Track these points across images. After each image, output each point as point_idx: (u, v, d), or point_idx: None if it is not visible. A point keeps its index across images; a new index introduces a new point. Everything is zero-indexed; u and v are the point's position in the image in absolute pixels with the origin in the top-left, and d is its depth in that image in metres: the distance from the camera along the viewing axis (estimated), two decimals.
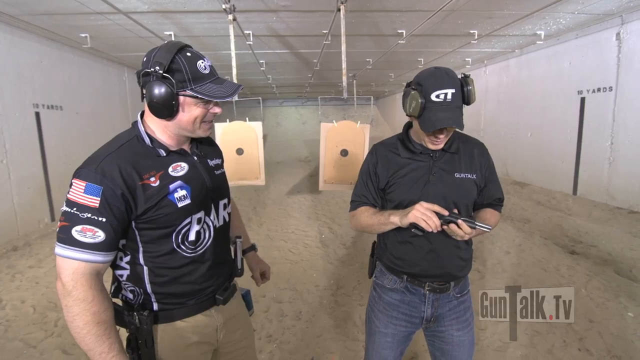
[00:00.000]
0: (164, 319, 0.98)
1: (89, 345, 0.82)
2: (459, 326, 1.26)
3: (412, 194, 1.19)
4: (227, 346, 1.14)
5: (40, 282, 3.24)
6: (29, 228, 4.49)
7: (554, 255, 3.54)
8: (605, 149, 4.73)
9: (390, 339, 1.29)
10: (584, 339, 2.24)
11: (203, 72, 0.93)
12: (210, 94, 0.92)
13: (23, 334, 2.44)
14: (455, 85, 1.07)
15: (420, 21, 4.38)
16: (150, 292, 0.96)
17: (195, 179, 1.00)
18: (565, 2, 3.82)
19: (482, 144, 1.28)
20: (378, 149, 1.30)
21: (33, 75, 4.61)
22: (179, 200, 0.94)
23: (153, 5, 3.78)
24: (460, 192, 1.19)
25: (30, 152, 4.58)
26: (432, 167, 1.20)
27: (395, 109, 13.52)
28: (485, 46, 5.98)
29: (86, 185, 0.84)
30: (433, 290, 1.22)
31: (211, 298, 1.06)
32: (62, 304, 0.83)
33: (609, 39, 4.59)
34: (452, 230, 1.07)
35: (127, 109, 7.07)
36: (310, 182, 8.42)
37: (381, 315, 1.30)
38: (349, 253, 3.83)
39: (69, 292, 0.82)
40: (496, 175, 1.28)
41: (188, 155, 1.03)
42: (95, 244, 0.84)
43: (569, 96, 5.26)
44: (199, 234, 1.01)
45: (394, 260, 1.26)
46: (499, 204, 1.30)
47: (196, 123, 0.96)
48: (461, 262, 1.23)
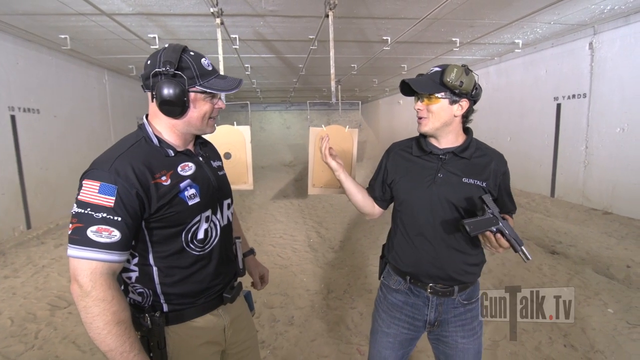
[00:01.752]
0: (174, 319, 0.98)
1: (109, 346, 0.81)
2: (464, 334, 1.25)
3: (416, 192, 1.23)
4: (234, 347, 1.15)
5: (17, 292, 3.09)
6: (3, 236, 4.28)
7: (536, 255, 3.66)
8: (580, 153, 4.94)
9: (391, 340, 1.30)
10: (568, 336, 2.33)
11: (207, 69, 0.98)
12: (218, 88, 0.96)
13: (1, 347, 2.32)
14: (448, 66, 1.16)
15: (405, 28, 4.48)
16: (160, 293, 0.96)
17: (203, 179, 1.03)
18: (542, 13, 4.00)
19: (501, 156, 1.28)
20: (393, 147, 1.38)
21: (8, 77, 4.43)
22: (190, 199, 0.96)
23: (137, 8, 3.71)
24: (465, 197, 1.18)
25: (5, 156, 4.38)
26: (440, 168, 1.21)
27: (379, 114, 13.70)
28: (466, 54, 6.16)
29: (100, 185, 0.83)
30: (435, 293, 1.23)
31: (219, 297, 1.07)
32: (80, 306, 0.81)
33: (582, 48, 4.82)
34: (498, 241, 1.06)
35: (107, 112, 6.87)
36: (296, 186, 8.41)
37: (384, 315, 1.33)
38: (338, 257, 3.84)
39: (87, 293, 0.81)
40: (509, 187, 1.29)
41: (194, 155, 1.05)
42: (112, 244, 0.83)
43: (545, 102, 5.48)
44: (207, 232, 1.02)
45: (397, 259, 1.29)
46: (512, 212, 1.31)
47: (205, 119, 1.00)
48: (466, 267, 1.23)
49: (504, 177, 1.25)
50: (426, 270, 1.23)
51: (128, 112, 7.74)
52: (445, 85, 1.14)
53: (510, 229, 1.06)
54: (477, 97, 1.20)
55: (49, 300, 2.95)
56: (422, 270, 1.23)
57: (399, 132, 11.04)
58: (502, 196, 1.26)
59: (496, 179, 1.22)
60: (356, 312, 2.69)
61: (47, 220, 5.02)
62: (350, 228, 4.91)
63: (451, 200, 1.19)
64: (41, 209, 4.93)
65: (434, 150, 1.24)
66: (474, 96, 1.18)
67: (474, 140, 1.27)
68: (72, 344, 2.36)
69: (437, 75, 1.17)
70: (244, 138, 3.92)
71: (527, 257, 1.04)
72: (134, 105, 8.02)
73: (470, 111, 1.23)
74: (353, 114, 15.04)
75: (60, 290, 3.13)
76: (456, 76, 1.12)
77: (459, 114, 1.20)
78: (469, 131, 1.29)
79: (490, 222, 1.05)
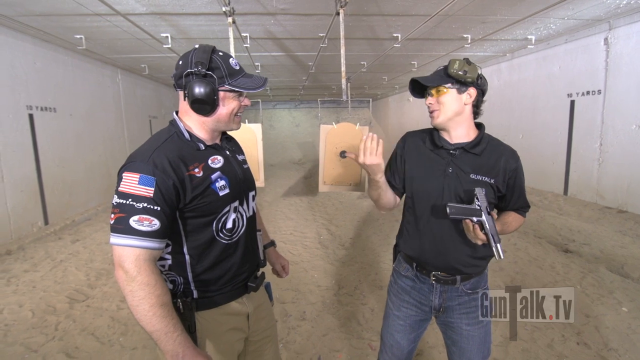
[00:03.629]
0: (203, 306, 1.03)
1: (155, 326, 0.85)
2: (469, 321, 1.29)
3: (427, 185, 1.25)
4: (255, 334, 1.20)
5: (37, 286, 3.19)
6: (22, 232, 4.41)
7: (548, 254, 3.63)
8: (594, 150, 4.87)
9: (402, 322, 1.35)
10: (581, 334, 2.31)
11: (235, 68, 1.02)
12: (245, 87, 1.01)
13: (23, 338, 2.40)
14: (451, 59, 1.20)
15: (416, 25, 4.46)
16: (191, 280, 1.02)
17: (231, 171, 1.08)
18: (556, 8, 3.94)
19: (513, 152, 1.27)
20: (408, 136, 1.40)
21: (27, 77, 4.55)
22: (220, 190, 1.01)
23: (151, 7, 3.77)
24: (472, 192, 1.20)
25: (24, 154, 4.51)
26: (450, 163, 1.24)
27: (388, 111, 13.65)
28: (477, 50, 6.10)
29: (140, 177, 0.88)
30: (438, 281, 1.28)
31: (244, 286, 1.13)
32: (126, 291, 0.86)
33: (597, 43, 4.73)
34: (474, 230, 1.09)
35: (120, 111, 7.00)
36: (305, 184, 8.45)
37: (395, 298, 1.39)
38: (348, 254, 3.86)
39: (133, 278, 0.85)
40: (522, 184, 1.28)
41: (221, 149, 1.10)
42: (153, 232, 0.88)
43: (559, 99, 5.40)
44: (235, 222, 1.07)
45: (406, 247, 1.35)
46: (523, 209, 1.32)
47: (232, 116, 1.05)
48: (470, 259, 1.25)
49: (516, 173, 1.24)
50: (430, 259, 1.28)
51: (140, 111, 7.87)
52: (451, 76, 1.18)
53: (492, 225, 1.08)
54: (483, 87, 1.24)
55: (67, 293, 3.03)
56: (427, 259, 1.28)
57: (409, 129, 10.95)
58: (513, 193, 1.26)
59: (505, 175, 1.22)
60: (367, 308, 2.71)
61: (63, 216, 5.15)
62: (361, 225, 4.93)
63: (459, 195, 1.21)
64: (58, 206, 5.06)
65: (445, 145, 1.26)
66: (480, 85, 1.22)
67: (485, 135, 1.27)
68: (91, 335, 2.44)
69: (442, 70, 1.23)
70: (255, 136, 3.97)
71: (499, 254, 1.06)
72: (146, 103, 8.15)
73: (479, 101, 1.25)
74: (362, 111, 15.01)
75: (78, 284, 3.22)
76: (459, 66, 1.17)
77: (469, 102, 1.22)
78: (481, 127, 1.30)
79: (473, 212, 1.09)
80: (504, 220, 1.26)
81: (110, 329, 2.50)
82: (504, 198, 1.28)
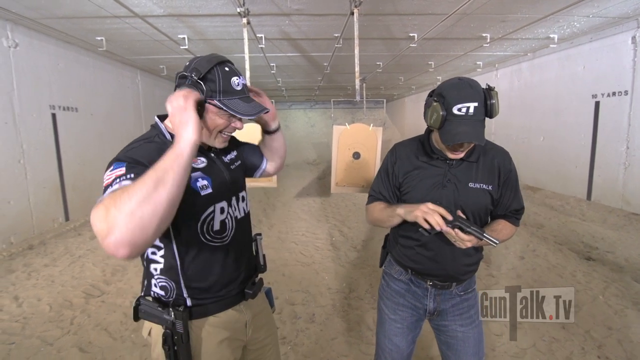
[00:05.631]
0: (197, 314, 1.01)
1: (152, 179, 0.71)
2: (463, 322, 1.29)
3: (428, 198, 1.19)
4: (255, 342, 1.17)
5: (55, 280, 3.28)
6: (44, 227, 4.56)
7: (569, 261, 3.49)
8: (620, 154, 4.65)
9: (399, 325, 1.33)
10: (603, 347, 2.20)
11: (235, 88, 0.98)
12: (234, 109, 0.96)
13: (40, 332, 2.48)
14: (479, 98, 1.06)
15: (433, 24, 4.37)
16: (183, 286, 0.99)
17: (215, 172, 1.05)
18: (580, 6, 3.79)
19: (505, 153, 1.24)
20: (398, 149, 1.33)
21: (50, 78, 4.70)
22: (202, 189, 0.98)
23: (168, 9, 3.83)
24: (472, 201, 1.19)
25: (47, 152, 4.66)
26: (447, 173, 1.21)
27: (405, 112, 13.49)
28: (497, 49, 5.94)
29: (113, 165, 0.82)
30: (435, 286, 1.27)
31: (240, 293, 1.10)
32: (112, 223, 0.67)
33: (624, 42, 4.53)
34: (457, 235, 1.08)
35: (139, 111, 7.16)
36: (319, 184, 8.43)
37: (389, 302, 1.36)
38: (360, 256, 3.81)
39: (105, 216, 0.68)
40: (516, 185, 1.24)
41: (205, 151, 1.07)
42: (126, 180, 0.79)
43: (582, 100, 5.19)
44: (224, 223, 1.04)
45: (401, 254, 1.32)
46: (514, 216, 1.26)
47: (214, 132, 1.01)
48: (466, 267, 1.26)
49: (509, 175, 1.21)
50: (429, 269, 1.26)
51: (159, 111, 7.93)
52: (491, 117, 1.11)
53: (464, 221, 1.07)
54: None
55: (84, 288, 3.11)
56: (424, 268, 1.26)
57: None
58: (506, 194, 1.23)
59: (500, 177, 1.20)
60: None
61: (83, 212, 5.30)
62: (373, 227, 4.87)
63: (460, 205, 1.18)
64: (78, 202, 5.21)
65: (441, 155, 1.21)
66: None
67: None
68: (104, 331, 2.49)
69: (481, 112, 1.08)
70: None
71: (493, 241, 1.05)
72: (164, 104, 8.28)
73: None
74: (378, 112, 14.89)
75: (95, 279, 3.30)
76: (498, 105, 1.10)
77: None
78: None
79: (447, 221, 1.08)
80: (495, 228, 1.22)
81: (123, 325, 2.55)
82: (498, 201, 1.24)
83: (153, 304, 1.00)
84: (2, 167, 3.98)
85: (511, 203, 1.24)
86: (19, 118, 4.19)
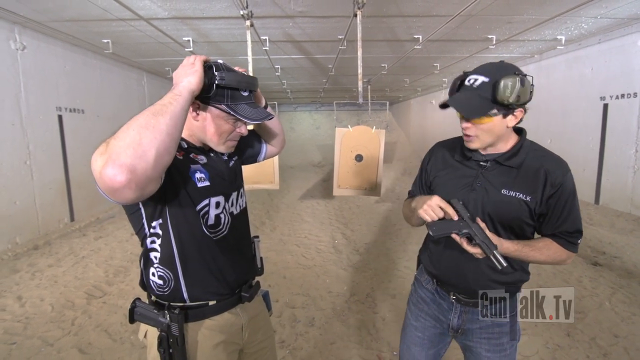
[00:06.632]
0: (193, 317, 1.01)
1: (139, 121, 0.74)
2: (490, 347, 1.18)
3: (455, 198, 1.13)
4: (251, 346, 1.16)
5: (58, 281, 3.31)
6: (49, 227, 4.61)
7: (575, 267, 3.43)
8: (629, 157, 4.56)
9: (420, 334, 1.27)
10: (609, 355, 2.15)
11: (242, 94, 0.99)
12: (241, 114, 0.97)
13: (41, 332, 2.49)
14: (493, 75, 0.99)
15: (437, 26, 4.34)
16: (181, 277, 0.99)
17: (213, 168, 1.06)
18: (587, 7, 3.72)
19: (559, 163, 1.07)
20: (436, 147, 1.29)
21: (57, 80, 4.76)
22: (199, 181, 1.00)
23: (173, 12, 3.86)
24: (502, 210, 1.07)
25: (53, 153, 4.72)
26: (479, 176, 1.11)
27: (410, 114, 13.42)
28: (503, 51, 5.87)
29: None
30: (459, 301, 1.19)
31: (237, 296, 1.09)
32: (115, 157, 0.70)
33: (633, 43, 4.45)
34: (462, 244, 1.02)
35: None
36: (324, 187, 8.41)
37: (414, 307, 1.31)
38: (362, 259, 3.79)
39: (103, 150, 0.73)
40: (570, 203, 1.06)
41: (206, 152, 1.09)
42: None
43: (590, 102, 5.11)
44: (219, 218, 1.05)
45: (428, 261, 1.27)
46: (565, 238, 1.07)
47: (222, 137, 1.03)
48: (492, 283, 1.13)
49: (560, 189, 1.04)
50: (451, 279, 1.19)
51: None
52: (501, 103, 0.98)
53: (481, 233, 0.98)
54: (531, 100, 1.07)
55: (86, 289, 3.13)
56: (448, 278, 1.20)
57: (432, 132, 10.75)
58: (553, 212, 1.05)
59: (546, 190, 1.04)
60: (378, 317, 2.64)
61: (88, 213, 5.35)
62: (377, 230, 4.84)
63: (488, 212, 1.08)
64: (84, 203, 5.26)
65: (476, 155, 1.12)
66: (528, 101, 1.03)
67: (526, 144, 1.10)
68: (104, 332, 2.49)
69: (487, 90, 0.99)
70: None
71: (500, 263, 0.97)
72: None
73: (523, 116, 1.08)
74: (383, 114, 14.83)
75: (97, 280, 3.32)
76: (512, 91, 0.95)
77: (513, 124, 1.05)
78: (522, 133, 1.13)
79: (456, 226, 1.01)
80: (533, 244, 1.07)
81: (123, 327, 2.55)
82: (544, 218, 1.08)
83: (149, 306, 1.00)
84: (9, 167, 4.03)
85: (561, 223, 1.06)
86: (25, 120, 4.24)
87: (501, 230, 1.09)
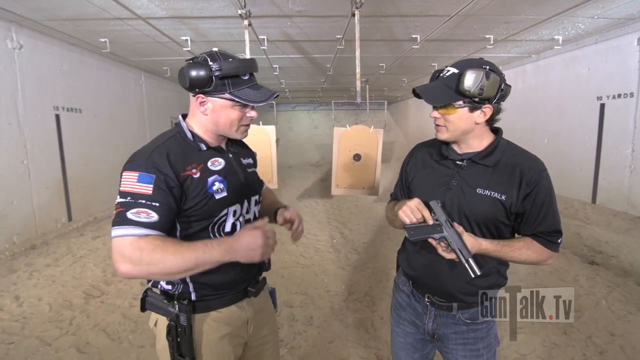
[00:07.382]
0: (201, 309, 1.03)
1: (192, 259, 0.88)
2: (466, 354, 1.16)
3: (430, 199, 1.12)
4: (255, 340, 1.19)
5: (56, 280, 3.30)
6: (46, 227, 4.59)
7: (572, 265, 3.45)
8: (626, 157, 4.59)
9: (402, 340, 1.27)
10: (604, 353, 2.16)
11: (242, 78, 1.01)
12: (246, 98, 0.99)
13: (39, 332, 2.49)
14: (464, 69, 1.00)
15: (435, 26, 4.35)
16: (189, 282, 1.02)
17: (231, 175, 1.07)
18: (584, 7, 3.74)
19: (535, 161, 1.07)
20: (415, 148, 1.31)
21: (54, 79, 4.74)
22: (217, 193, 1.01)
23: (170, 11, 3.85)
24: (477, 210, 1.06)
25: (50, 153, 4.70)
26: (455, 175, 1.11)
27: (408, 114, 13.44)
28: (500, 51, 5.89)
29: (139, 175, 0.89)
30: (433, 304, 1.17)
31: (244, 290, 1.11)
32: (144, 273, 0.87)
33: (630, 44, 4.47)
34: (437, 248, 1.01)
35: (143, 112, 7.20)
36: (322, 186, 8.42)
37: (394, 312, 1.32)
38: (360, 259, 3.80)
39: (139, 261, 0.85)
40: (547, 203, 1.05)
41: (224, 152, 1.10)
42: (150, 223, 0.88)
43: (587, 102, 5.13)
44: (235, 226, 1.07)
45: (404, 264, 1.27)
46: (545, 238, 1.07)
47: (234, 125, 1.04)
48: (470, 287, 1.11)
49: (536, 189, 1.03)
50: (426, 281, 1.17)
51: (162, 112, 8.08)
52: (463, 94, 1.00)
53: (457, 239, 0.97)
54: (503, 99, 1.08)
55: (84, 289, 3.12)
56: (423, 280, 1.18)
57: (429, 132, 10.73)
58: (531, 212, 1.05)
59: (521, 189, 1.03)
60: (376, 315, 2.65)
61: (86, 213, 5.33)
62: (375, 230, 4.85)
63: (464, 211, 1.07)
64: (81, 203, 5.24)
65: (451, 155, 1.13)
66: (498, 100, 1.05)
67: (502, 143, 1.10)
68: (102, 331, 2.49)
69: (453, 80, 1.02)
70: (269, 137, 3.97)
71: (473, 271, 0.96)
72: (168, 105, 8.36)
73: (495, 115, 1.09)
74: (382, 113, 14.84)
75: (95, 280, 3.31)
76: (474, 83, 0.97)
77: (481, 121, 1.06)
78: (498, 132, 1.14)
79: (433, 230, 1.00)
80: (512, 244, 1.05)
81: (121, 326, 2.55)
82: (522, 218, 1.08)
83: (159, 296, 1.03)
84: (6, 167, 4.02)
85: (539, 224, 1.05)
86: (23, 119, 4.22)
87: (477, 230, 1.08)
